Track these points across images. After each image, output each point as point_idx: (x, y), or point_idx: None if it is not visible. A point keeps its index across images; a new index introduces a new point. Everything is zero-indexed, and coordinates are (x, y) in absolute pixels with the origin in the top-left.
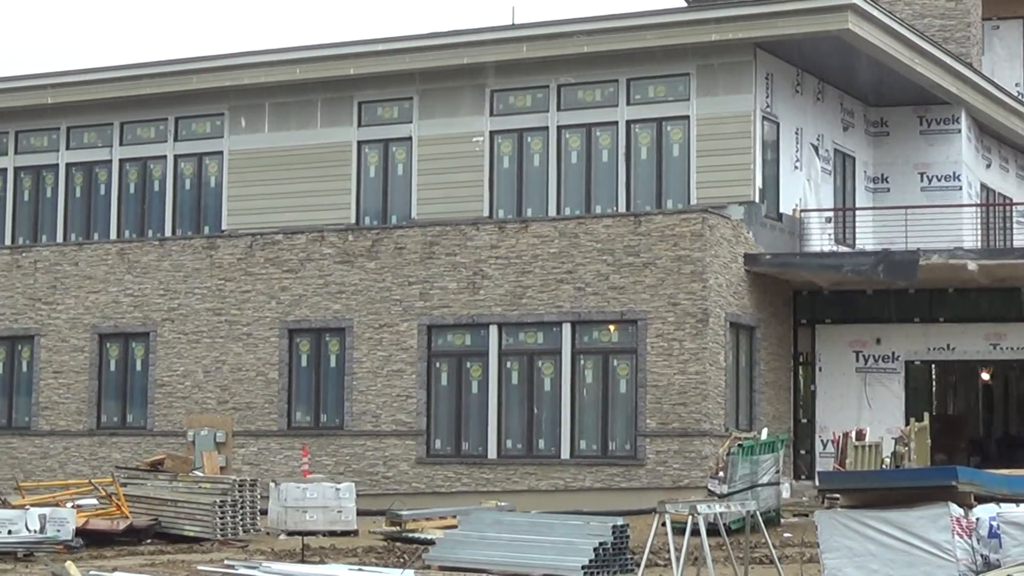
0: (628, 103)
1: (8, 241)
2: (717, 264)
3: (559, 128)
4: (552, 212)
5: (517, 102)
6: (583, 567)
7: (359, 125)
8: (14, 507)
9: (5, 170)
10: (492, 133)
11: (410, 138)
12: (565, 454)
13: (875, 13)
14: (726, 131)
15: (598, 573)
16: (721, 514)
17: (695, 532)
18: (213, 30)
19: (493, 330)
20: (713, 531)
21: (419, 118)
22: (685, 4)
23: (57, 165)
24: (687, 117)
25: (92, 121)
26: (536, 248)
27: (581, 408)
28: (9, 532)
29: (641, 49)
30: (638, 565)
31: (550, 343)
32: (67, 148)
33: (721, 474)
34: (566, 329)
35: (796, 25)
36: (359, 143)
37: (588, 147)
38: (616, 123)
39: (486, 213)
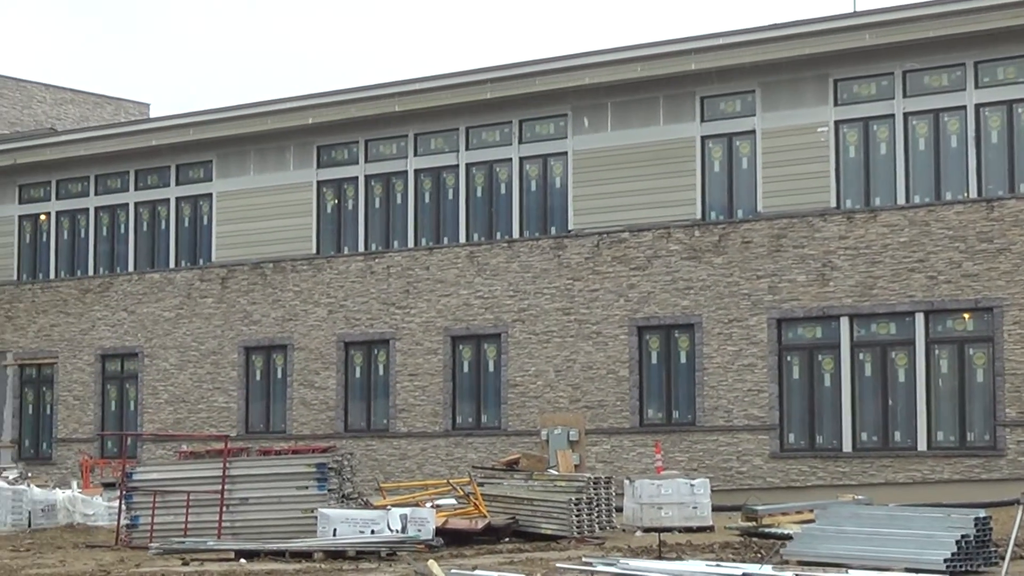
0: (976, 86)
1: (361, 248)
2: None
3: (905, 115)
4: (901, 200)
5: (861, 90)
6: (945, 560)
7: (702, 120)
8: (376, 508)
9: (356, 179)
10: (837, 123)
11: (754, 131)
12: (922, 446)
13: None
14: None
15: (961, 566)
16: None
17: None
18: (552, 31)
19: (844, 322)
20: None
21: (762, 111)
22: None
23: (406, 172)
24: None
25: (438, 127)
26: (886, 237)
27: (937, 398)
28: (372, 532)
29: (989, 31)
30: (1002, 558)
31: (903, 333)
32: (415, 155)
33: None
34: (919, 319)
35: None
36: (702, 138)
37: (936, 133)
38: (964, 107)
39: (833, 204)
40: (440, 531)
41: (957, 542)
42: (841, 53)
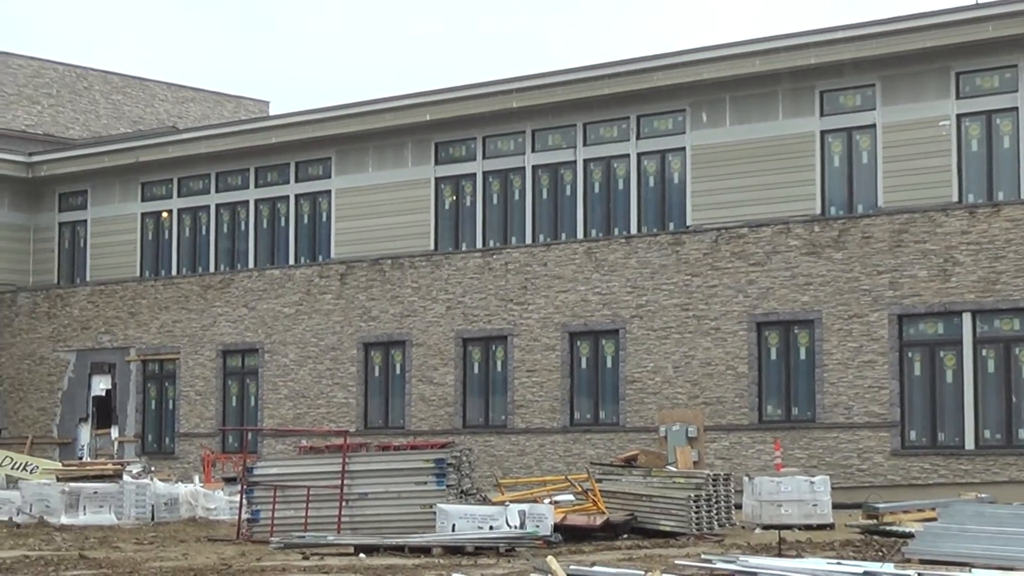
0: None
1: (479, 244)
2: None
3: None
4: None
5: (984, 83)
6: None
7: (821, 115)
8: (495, 504)
9: (474, 175)
10: (959, 116)
11: (874, 125)
12: None
13: None
14: None
15: None
16: None
17: None
18: (670, 26)
19: (967, 318)
20: None
21: (882, 104)
22: None
23: (524, 168)
24: None
25: (556, 123)
26: (1009, 232)
27: None
28: (491, 528)
29: None
30: None
31: None
32: (532, 151)
33: None
34: None
35: None
36: (822, 132)
37: None
38: None
39: (955, 198)
40: (558, 527)
41: None
42: (963, 46)
